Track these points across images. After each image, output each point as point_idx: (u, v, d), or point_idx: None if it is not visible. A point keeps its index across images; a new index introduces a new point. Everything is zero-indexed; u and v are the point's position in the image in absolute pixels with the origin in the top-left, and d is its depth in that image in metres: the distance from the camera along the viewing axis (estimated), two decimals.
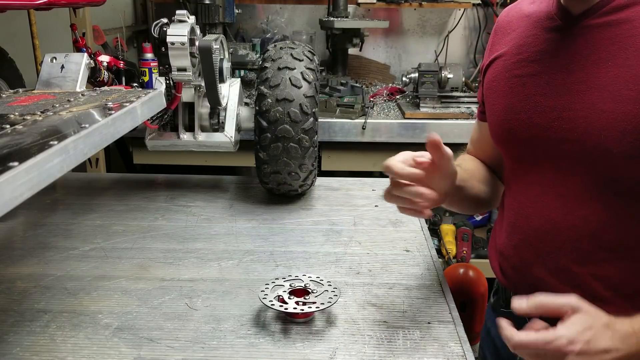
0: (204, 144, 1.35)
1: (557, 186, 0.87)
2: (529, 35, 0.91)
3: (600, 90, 0.80)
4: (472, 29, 2.82)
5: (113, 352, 0.84)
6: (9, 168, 0.59)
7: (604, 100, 0.80)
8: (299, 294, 0.91)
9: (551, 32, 0.88)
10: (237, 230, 1.25)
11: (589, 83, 0.82)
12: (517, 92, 0.90)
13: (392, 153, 0.89)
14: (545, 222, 0.90)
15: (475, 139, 1.13)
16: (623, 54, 0.79)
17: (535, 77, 0.88)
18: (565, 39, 0.85)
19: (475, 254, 2.39)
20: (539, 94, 0.87)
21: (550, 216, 0.89)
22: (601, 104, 0.80)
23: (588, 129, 0.81)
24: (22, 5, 1.14)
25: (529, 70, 0.89)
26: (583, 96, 0.82)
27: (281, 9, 2.81)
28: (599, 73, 0.81)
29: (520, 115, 0.90)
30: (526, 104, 0.89)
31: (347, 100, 2.23)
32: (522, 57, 0.91)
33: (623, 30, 0.79)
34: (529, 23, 0.93)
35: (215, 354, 0.84)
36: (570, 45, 0.84)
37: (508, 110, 0.92)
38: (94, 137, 0.78)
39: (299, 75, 1.24)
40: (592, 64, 0.82)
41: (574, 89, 0.83)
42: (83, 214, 1.32)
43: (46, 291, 0.99)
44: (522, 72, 0.90)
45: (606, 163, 0.80)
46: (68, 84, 1.12)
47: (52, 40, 1.92)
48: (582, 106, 0.82)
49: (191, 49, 1.19)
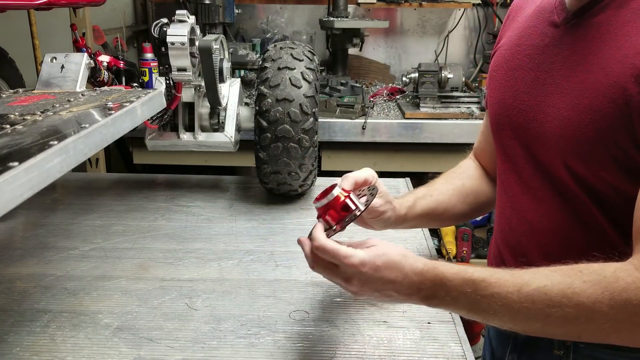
0: (204, 144, 1.35)
1: (534, 188, 0.85)
2: (529, 26, 0.87)
3: (565, 95, 0.77)
4: (472, 29, 2.82)
5: (113, 352, 0.84)
6: (9, 168, 0.59)
7: (566, 106, 0.76)
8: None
9: (547, 27, 0.83)
10: (237, 230, 1.25)
11: (560, 86, 0.78)
12: (509, 87, 0.88)
13: (392, 153, 0.90)
14: (522, 223, 0.87)
15: (484, 131, 1.09)
16: (591, 58, 0.75)
17: (525, 72, 0.85)
18: (555, 35, 0.81)
19: (475, 254, 2.40)
20: (524, 91, 0.85)
21: (526, 217, 0.86)
22: (563, 110, 0.77)
23: (552, 134, 0.78)
24: (22, 5, 1.14)
25: (522, 64, 0.86)
26: (553, 99, 0.79)
27: (281, 9, 2.81)
28: (570, 76, 0.77)
29: (508, 112, 0.88)
30: (514, 100, 0.86)
31: (347, 100, 2.23)
32: (519, 48, 0.87)
33: (600, 34, 0.75)
34: (534, 12, 0.88)
35: (215, 354, 0.84)
36: (557, 43, 0.81)
37: (500, 104, 0.90)
38: (94, 137, 0.78)
39: (299, 75, 1.24)
40: (568, 66, 0.78)
41: (549, 90, 0.80)
42: (83, 214, 1.32)
43: (46, 291, 0.99)
44: (516, 64, 0.87)
45: (568, 171, 0.78)
46: (68, 84, 1.13)
47: (52, 40, 1.92)
48: (550, 110, 0.79)
49: (191, 49, 1.19)
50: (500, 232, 0.95)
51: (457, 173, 1.07)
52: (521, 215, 0.88)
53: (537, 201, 0.84)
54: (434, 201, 0.99)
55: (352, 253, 0.70)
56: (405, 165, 2.13)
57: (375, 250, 0.72)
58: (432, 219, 1.00)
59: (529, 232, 0.86)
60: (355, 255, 0.70)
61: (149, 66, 1.51)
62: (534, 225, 0.85)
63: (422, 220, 1.00)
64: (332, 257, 0.71)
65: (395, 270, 0.71)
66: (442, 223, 1.08)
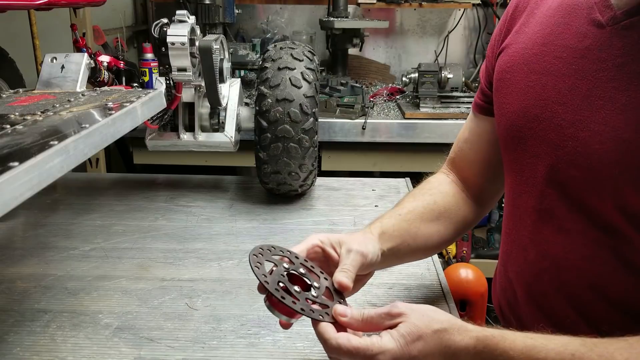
0: (204, 144, 1.35)
1: (560, 218, 0.73)
2: (559, 24, 0.73)
3: (624, 113, 0.64)
4: (472, 29, 2.82)
5: (113, 352, 0.84)
6: (9, 168, 0.59)
7: (627, 127, 0.64)
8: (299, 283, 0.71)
9: (586, 25, 0.70)
10: (237, 230, 1.25)
11: (615, 101, 0.65)
12: (535, 95, 0.74)
13: (392, 153, 0.88)
14: (542, 257, 0.76)
15: (469, 139, 0.94)
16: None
17: (557, 79, 0.71)
18: (600, 37, 0.68)
19: (475, 254, 2.39)
20: (558, 101, 0.71)
21: (549, 252, 0.75)
22: (623, 131, 0.64)
23: (603, 157, 0.66)
24: (22, 5, 1.14)
25: (552, 68, 0.72)
26: (605, 116, 0.66)
27: (281, 9, 2.81)
28: (628, 91, 0.64)
29: (532, 124, 0.74)
30: (542, 111, 0.73)
31: (347, 100, 2.23)
32: (546, 49, 0.73)
33: None
34: (560, 6, 0.74)
35: (215, 354, 0.84)
36: (604, 47, 0.67)
37: (522, 114, 0.76)
38: (94, 137, 0.78)
39: (299, 76, 1.24)
40: (623, 77, 0.65)
41: (597, 104, 0.67)
42: (83, 214, 1.32)
43: (46, 291, 0.99)
44: (543, 68, 0.73)
45: (618, 202, 0.65)
46: (68, 84, 1.13)
47: (53, 40, 1.92)
48: (601, 128, 0.66)
49: (191, 49, 1.19)
50: (511, 263, 0.83)
51: (426, 189, 0.93)
52: (541, 248, 0.76)
53: (563, 234, 0.73)
54: (403, 220, 0.85)
55: (378, 348, 0.60)
56: (405, 165, 2.13)
57: (407, 333, 0.61)
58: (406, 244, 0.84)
59: (552, 270, 0.75)
60: (384, 351, 0.60)
61: (149, 66, 1.52)
62: (560, 263, 0.74)
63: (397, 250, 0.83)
64: (354, 356, 0.61)
65: (438, 356, 0.62)
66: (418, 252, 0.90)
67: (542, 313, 0.78)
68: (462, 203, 0.92)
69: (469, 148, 0.93)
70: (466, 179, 0.94)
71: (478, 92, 0.92)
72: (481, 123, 0.91)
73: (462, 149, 0.95)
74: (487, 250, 2.41)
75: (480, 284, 1.36)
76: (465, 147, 0.94)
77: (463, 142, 0.95)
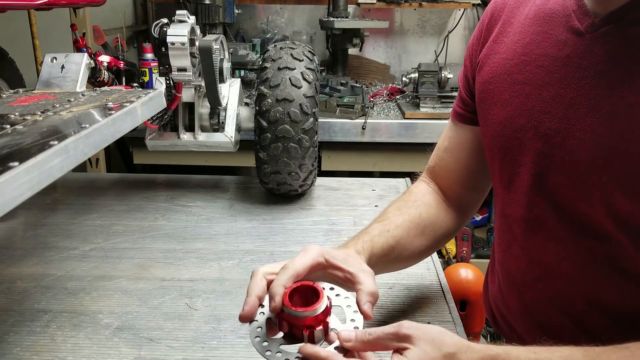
0: (204, 144, 1.35)
1: (550, 227, 0.73)
2: (537, 33, 0.73)
3: (610, 120, 0.64)
4: (472, 29, 2.82)
5: (113, 352, 0.84)
6: (9, 168, 0.59)
7: (613, 133, 0.64)
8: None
9: (565, 33, 0.70)
10: (237, 230, 1.25)
11: (599, 108, 0.65)
12: (519, 105, 0.74)
13: (392, 153, 0.87)
14: (534, 266, 0.76)
15: (449, 147, 0.92)
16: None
17: (540, 89, 0.71)
18: (580, 45, 0.68)
19: (475, 253, 2.40)
20: (542, 111, 0.71)
21: (541, 260, 0.74)
22: (609, 137, 0.64)
23: (590, 165, 0.66)
24: (22, 5, 1.14)
25: (534, 78, 0.72)
26: (590, 123, 0.66)
27: (281, 9, 2.81)
28: (612, 97, 0.64)
29: (519, 134, 0.74)
30: (528, 121, 0.73)
31: (347, 100, 2.23)
32: (527, 59, 0.74)
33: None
34: (536, 15, 0.74)
35: (215, 354, 0.84)
36: (585, 54, 0.67)
37: (507, 124, 0.76)
38: (94, 137, 0.78)
39: (299, 76, 1.24)
40: (605, 84, 0.65)
41: (581, 112, 0.67)
42: (83, 214, 1.32)
43: (46, 291, 0.99)
44: (525, 78, 0.73)
45: (608, 208, 0.65)
46: (68, 84, 1.12)
47: (53, 40, 1.92)
48: (587, 136, 0.66)
49: (191, 49, 1.19)
50: (503, 272, 0.83)
51: (411, 201, 0.91)
52: (533, 256, 0.76)
53: (554, 242, 0.73)
54: (391, 237, 0.83)
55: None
56: (405, 165, 2.14)
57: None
58: (391, 260, 0.84)
59: (545, 278, 0.75)
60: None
61: (149, 66, 1.51)
62: (552, 271, 0.74)
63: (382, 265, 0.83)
64: None
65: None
66: (400, 265, 0.90)
67: (535, 322, 0.79)
68: (444, 214, 0.91)
69: (449, 157, 0.93)
70: (446, 188, 0.94)
71: (457, 100, 0.91)
72: (461, 131, 0.90)
73: (442, 158, 0.94)
74: (487, 250, 2.41)
75: (480, 284, 1.36)
76: (446, 156, 0.93)
77: (443, 151, 0.94)
